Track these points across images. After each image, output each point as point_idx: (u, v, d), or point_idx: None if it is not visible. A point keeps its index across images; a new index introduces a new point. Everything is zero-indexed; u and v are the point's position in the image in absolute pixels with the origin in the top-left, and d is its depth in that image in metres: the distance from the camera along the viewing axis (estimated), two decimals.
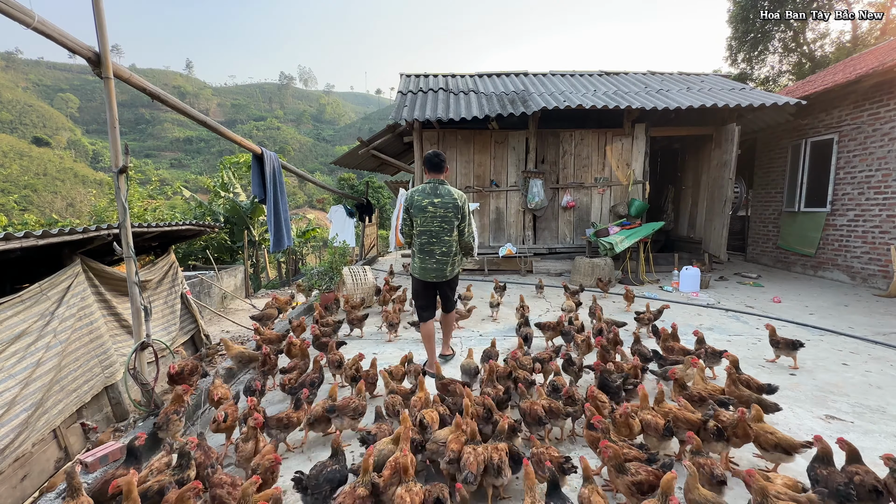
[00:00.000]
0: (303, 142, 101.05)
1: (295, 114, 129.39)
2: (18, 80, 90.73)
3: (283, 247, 5.62)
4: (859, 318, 5.26)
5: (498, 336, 4.71)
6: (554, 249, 8.67)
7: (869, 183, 6.93)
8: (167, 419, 2.62)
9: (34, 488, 3.10)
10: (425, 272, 3.68)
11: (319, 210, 44.07)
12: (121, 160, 2.99)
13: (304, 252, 17.35)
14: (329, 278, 6.40)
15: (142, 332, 3.09)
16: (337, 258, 6.61)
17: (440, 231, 3.56)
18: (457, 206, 3.55)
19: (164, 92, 3.62)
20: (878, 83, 6.67)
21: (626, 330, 4.48)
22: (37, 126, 69.86)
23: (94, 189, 41.49)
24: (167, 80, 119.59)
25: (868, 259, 6.96)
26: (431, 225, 3.55)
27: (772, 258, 9.20)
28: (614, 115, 8.17)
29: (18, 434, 3.01)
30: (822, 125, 7.83)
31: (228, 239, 13.61)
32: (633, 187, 8.47)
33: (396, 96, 9.01)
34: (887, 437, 2.65)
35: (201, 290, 8.26)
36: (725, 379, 2.92)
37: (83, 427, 3.52)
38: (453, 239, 3.62)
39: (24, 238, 3.14)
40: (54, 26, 2.64)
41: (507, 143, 8.51)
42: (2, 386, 2.96)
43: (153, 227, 4.81)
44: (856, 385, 3.41)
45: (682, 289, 6.84)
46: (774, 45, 16.82)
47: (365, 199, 12.52)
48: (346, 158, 10.90)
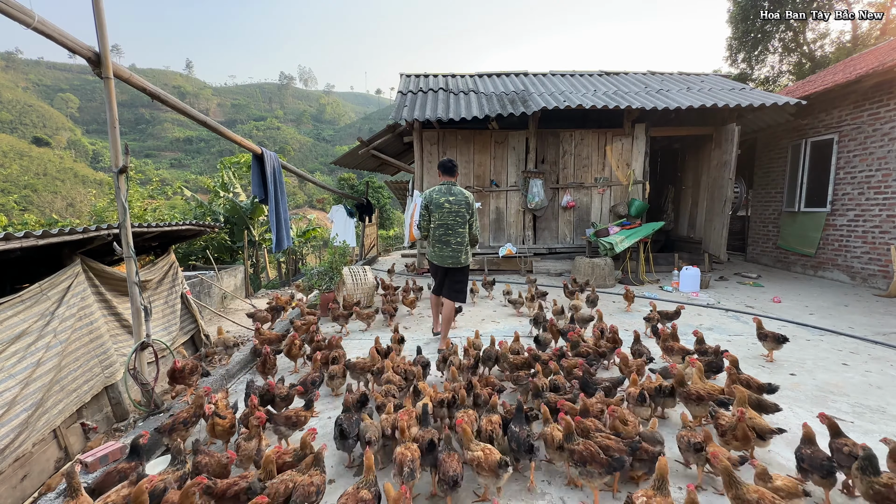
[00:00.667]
0: (303, 142, 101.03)
1: (295, 114, 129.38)
2: (18, 80, 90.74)
3: (283, 247, 5.64)
4: (859, 318, 5.26)
5: (498, 336, 4.71)
6: (554, 249, 8.67)
7: (869, 183, 6.93)
8: (173, 426, 2.53)
9: (34, 488, 3.10)
10: (443, 259, 4.26)
11: (319, 210, 44.09)
12: (121, 160, 2.99)
13: (304, 252, 17.34)
14: (329, 278, 6.39)
15: (142, 332, 3.10)
16: (337, 258, 6.61)
17: (455, 224, 4.21)
18: (468, 203, 4.24)
19: (164, 92, 3.62)
20: (878, 83, 6.67)
21: (625, 329, 4.47)
22: (37, 126, 69.85)
23: (94, 189, 41.46)
24: (167, 80, 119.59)
25: (868, 259, 6.96)
26: (448, 219, 4.19)
27: (772, 258, 9.20)
28: (614, 115, 8.17)
29: (18, 434, 3.01)
30: (822, 125, 7.83)
31: (228, 239, 13.61)
32: (633, 187, 8.47)
33: (396, 96, 9.01)
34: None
35: (201, 290, 8.25)
36: (725, 379, 2.92)
37: (83, 427, 3.52)
38: (465, 231, 4.25)
39: (24, 238, 3.14)
40: (54, 26, 2.65)
41: (507, 143, 8.51)
42: (2, 386, 2.96)
43: (153, 227, 4.81)
44: (856, 385, 3.41)
45: (682, 289, 6.84)
46: (774, 45, 16.82)
47: (365, 199, 12.53)
48: (346, 158, 10.90)
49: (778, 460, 2.42)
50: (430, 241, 4.34)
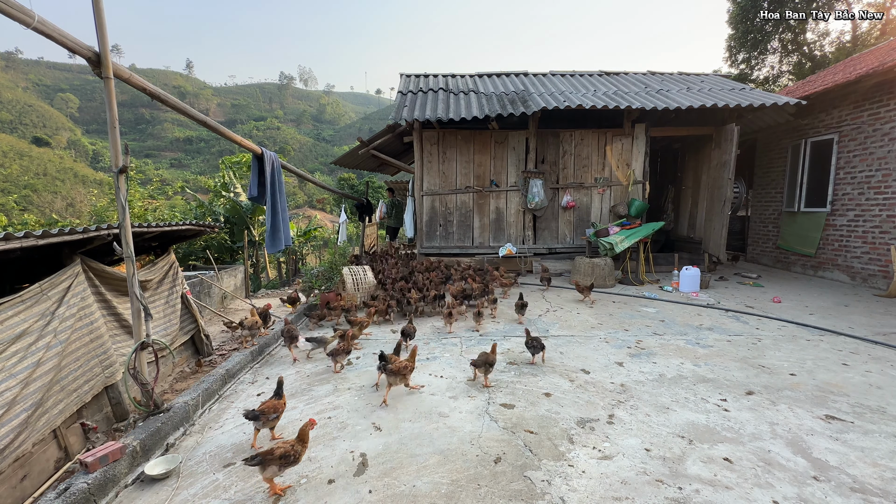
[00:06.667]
0: (303, 142, 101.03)
1: (295, 114, 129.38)
2: (18, 80, 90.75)
3: (280, 247, 5.62)
4: (859, 318, 5.25)
5: (498, 336, 4.72)
6: (554, 249, 8.67)
7: (869, 183, 6.92)
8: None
9: (34, 488, 3.10)
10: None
11: (320, 210, 44.04)
12: (121, 160, 2.99)
13: (304, 252, 17.35)
14: (328, 278, 6.39)
15: (142, 332, 3.10)
16: (337, 258, 6.61)
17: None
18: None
19: (164, 92, 3.62)
20: (878, 83, 6.67)
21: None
22: (37, 126, 69.86)
23: (95, 189, 41.46)
24: (167, 80, 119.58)
25: (868, 259, 6.95)
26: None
27: (772, 258, 9.20)
28: (614, 116, 8.18)
29: (18, 434, 3.00)
30: (822, 125, 7.83)
31: (228, 239, 13.62)
32: (633, 187, 8.46)
33: (396, 96, 9.01)
34: (887, 437, 2.65)
35: (201, 290, 8.25)
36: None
37: (83, 427, 3.52)
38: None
39: (24, 238, 3.13)
40: (54, 26, 2.65)
41: (507, 143, 8.51)
42: (2, 386, 2.96)
43: (153, 227, 4.81)
44: (856, 385, 3.41)
45: (682, 289, 6.83)
46: (774, 45, 16.81)
47: (365, 199, 12.52)
48: (346, 158, 10.90)
49: (778, 460, 2.42)
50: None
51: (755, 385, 3.39)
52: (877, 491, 2.17)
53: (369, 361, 4.05)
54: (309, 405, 3.23)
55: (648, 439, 2.64)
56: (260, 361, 4.43)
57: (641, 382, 3.46)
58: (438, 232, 8.61)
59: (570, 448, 2.55)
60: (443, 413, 3.00)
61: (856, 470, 2.34)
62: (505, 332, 4.90)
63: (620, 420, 2.88)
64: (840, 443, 2.59)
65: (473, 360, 3.42)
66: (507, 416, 2.93)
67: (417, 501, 2.14)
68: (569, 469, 2.35)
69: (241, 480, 2.39)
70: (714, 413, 2.96)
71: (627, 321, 5.23)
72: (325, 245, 17.59)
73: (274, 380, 3.75)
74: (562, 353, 4.17)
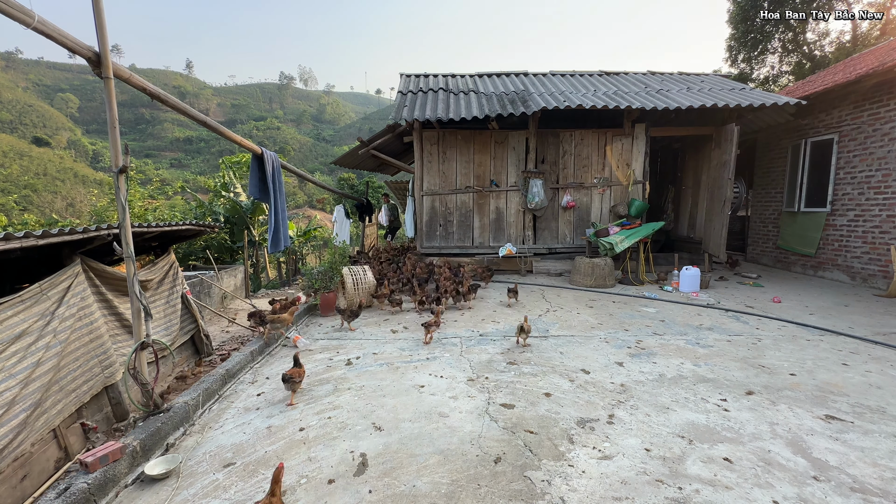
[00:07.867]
0: (303, 142, 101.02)
1: (295, 114, 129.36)
2: (18, 80, 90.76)
3: (280, 247, 5.63)
4: (859, 318, 5.25)
5: (497, 336, 4.72)
6: (554, 249, 8.67)
7: (869, 183, 6.92)
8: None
9: (34, 488, 3.10)
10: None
11: (320, 210, 44.04)
12: (121, 160, 2.99)
13: (304, 252, 17.35)
14: (328, 278, 6.39)
15: (142, 332, 3.10)
16: (337, 258, 6.61)
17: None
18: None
19: (164, 92, 3.62)
20: (878, 83, 6.67)
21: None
22: (37, 126, 69.88)
23: (95, 189, 41.46)
24: (167, 80, 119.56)
25: (868, 259, 6.95)
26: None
27: (772, 258, 9.20)
28: (614, 115, 8.17)
29: (18, 434, 3.00)
30: (822, 125, 7.83)
31: (228, 239, 13.61)
32: (633, 187, 8.46)
33: (396, 96, 9.01)
34: (887, 437, 2.65)
35: (201, 290, 8.25)
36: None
37: (83, 427, 3.52)
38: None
39: (24, 238, 3.13)
40: (54, 26, 2.65)
41: (507, 143, 8.51)
42: (2, 386, 2.96)
43: (153, 227, 4.81)
44: (856, 385, 3.41)
45: (682, 289, 6.83)
46: (774, 45, 16.81)
47: (365, 199, 12.52)
48: (346, 158, 10.90)
49: (778, 460, 2.43)
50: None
51: (755, 385, 3.39)
52: (877, 491, 2.17)
53: (369, 361, 4.05)
54: (309, 405, 3.24)
55: (648, 439, 2.64)
56: (260, 361, 4.43)
57: (641, 382, 3.46)
58: (438, 232, 8.61)
59: (571, 448, 2.55)
60: (443, 413, 3.00)
61: (856, 470, 2.34)
62: (505, 332, 4.90)
63: (620, 420, 2.88)
64: (840, 443, 2.59)
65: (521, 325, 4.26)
66: (507, 416, 2.93)
67: (417, 501, 2.14)
68: (569, 469, 2.35)
69: (241, 480, 2.39)
70: (714, 413, 2.96)
71: (627, 321, 5.23)
72: (325, 245, 17.58)
73: (274, 380, 3.76)
74: (562, 353, 4.17)
